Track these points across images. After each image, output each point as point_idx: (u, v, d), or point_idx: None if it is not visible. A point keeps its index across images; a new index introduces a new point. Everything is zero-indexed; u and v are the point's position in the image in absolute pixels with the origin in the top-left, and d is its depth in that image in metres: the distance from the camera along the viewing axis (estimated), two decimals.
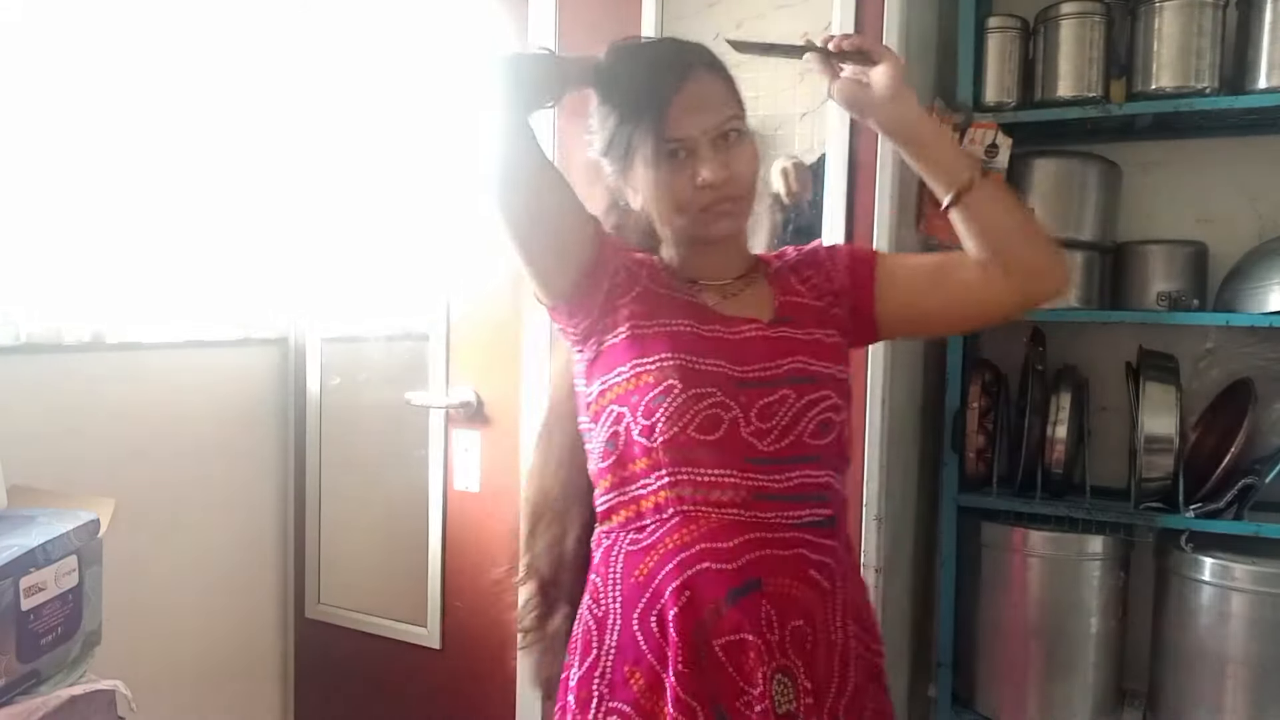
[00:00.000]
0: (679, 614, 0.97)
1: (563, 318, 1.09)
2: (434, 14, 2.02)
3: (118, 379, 1.84)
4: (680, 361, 1.01)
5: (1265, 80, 1.67)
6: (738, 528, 0.99)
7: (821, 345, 1.08)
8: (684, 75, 1.03)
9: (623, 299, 1.06)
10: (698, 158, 1.02)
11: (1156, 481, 1.75)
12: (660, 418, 0.99)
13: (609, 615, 1.04)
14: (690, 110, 1.01)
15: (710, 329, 1.05)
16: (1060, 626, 1.78)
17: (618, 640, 1.02)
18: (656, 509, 1.01)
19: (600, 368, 1.06)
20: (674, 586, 0.98)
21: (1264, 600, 1.63)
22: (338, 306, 2.23)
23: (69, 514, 1.34)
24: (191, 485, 2.02)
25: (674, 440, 0.99)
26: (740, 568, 0.98)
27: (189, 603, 2.02)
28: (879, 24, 1.56)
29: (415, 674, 2.11)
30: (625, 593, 1.02)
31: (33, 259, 1.72)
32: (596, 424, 1.07)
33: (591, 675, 1.04)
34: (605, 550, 1.07)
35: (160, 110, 1.94)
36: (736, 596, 0.97)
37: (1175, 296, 1.79)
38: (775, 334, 1.07)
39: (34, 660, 1.23)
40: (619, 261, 1.08)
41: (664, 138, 1.01)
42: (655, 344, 1.02)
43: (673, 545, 0.99)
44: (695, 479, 1.00)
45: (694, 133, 1.02)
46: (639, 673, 1.00)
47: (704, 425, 0.99)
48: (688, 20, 1.72)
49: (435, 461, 2.06)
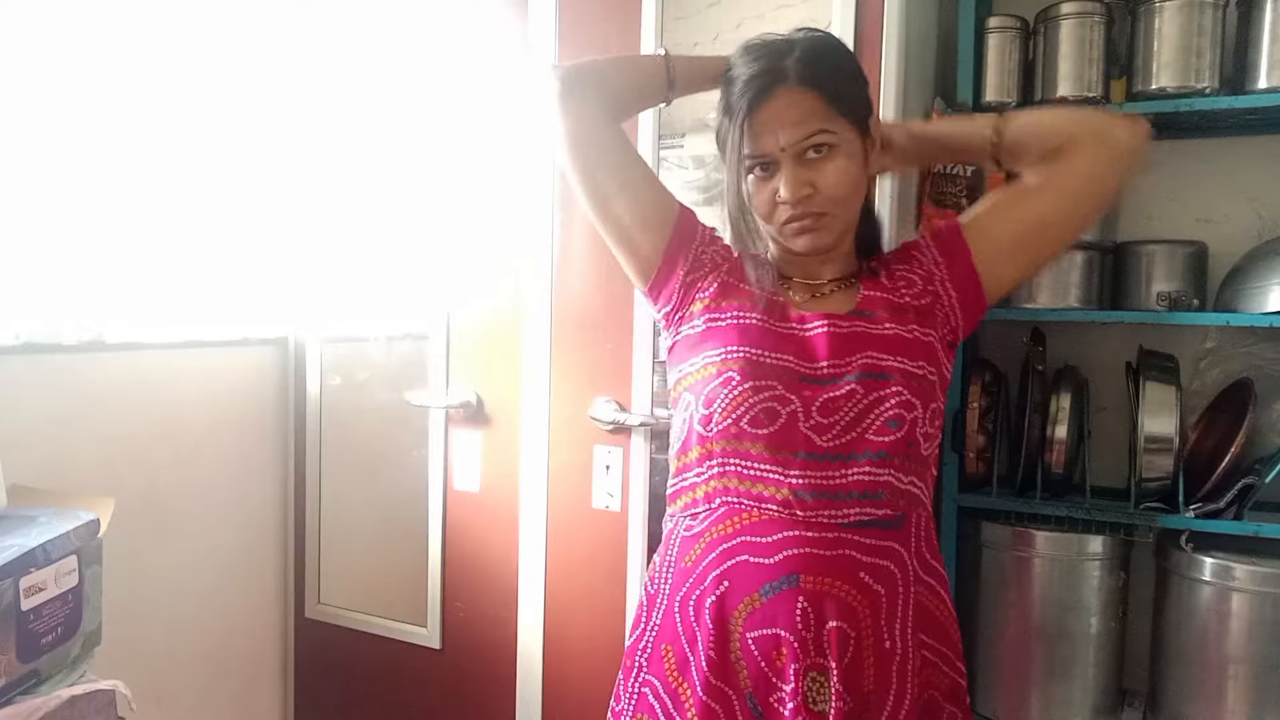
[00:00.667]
0: (715, 602, 1.01)
1: (652, 298, 1.15)
2: (434, 15, 2.02)
3: (118, 379, 1.84)
4: (745, 354, 1.04)
5: (1265, 80, 1.67)
6: (777, 524, 1.00)
7: (900, 340, 1.06)
8: (768, 91, 1.03)
9: (702, 289, 1.11)
10: (780, 173, 1.04)
11: (1156, 481, 1.75)
12: (717, 408, 1.03)
13: (659, 594, 1.09)
14: (770, 128, 1.03)
15: (783, 325, 1.07)
16: (1060, 626, 1.78)
17: (661, 619, 1.08)
18: (706, 498, 1.05)
19: (677, 356, 1.12)
20: (714, 575, 1.02)
21: (1264, 600, 1.63)
22: (338, 306, 2.23)
23: (69, 514, 1.34)
24: (191, 485, 2.02)
25: (727, 431, 1.03)
26: (777, 563, 0.99)
27: (189, 603, 2.02)
28: (879, 24, 1.56)
29: (415, 674, 2.11)
30: (675, 576, 1.07)
31: (33, 259, 1.71)
32: (674, 411, 1.13)
33: (636, 647, 1.11)
34: (668, 533, 1.12)
35: (161, 110, 1.94)
36: (771, 591, 0.98)
37: (1175, 296, 1.79)
38: (848, 329, 1.06)
39: (34, 660, 1.23)
40: (702, 247, 1.14)
41: (744, 154, 1.04)
42: (724, 335, 1.06)
43: (717, 535, 1.03)
44: (741, 472, 1.03)
45: (773, 149, 1.03)
46: (672, 652, 1.05)
47: (758, 419, 1.01)
48: (688, 20, 1.72)
49: (435, 461, 2.06)
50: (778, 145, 1.03)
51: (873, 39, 1.56)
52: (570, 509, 1.86)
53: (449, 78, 2.00)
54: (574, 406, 1.84)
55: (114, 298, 1.86)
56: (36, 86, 1.71)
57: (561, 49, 1.85)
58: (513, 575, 1.94)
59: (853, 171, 1.06)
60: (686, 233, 1.15)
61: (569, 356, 1.85)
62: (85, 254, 1.81)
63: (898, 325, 1.07)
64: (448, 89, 2.00)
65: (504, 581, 1.96)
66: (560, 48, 1.85)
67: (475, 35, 1.97)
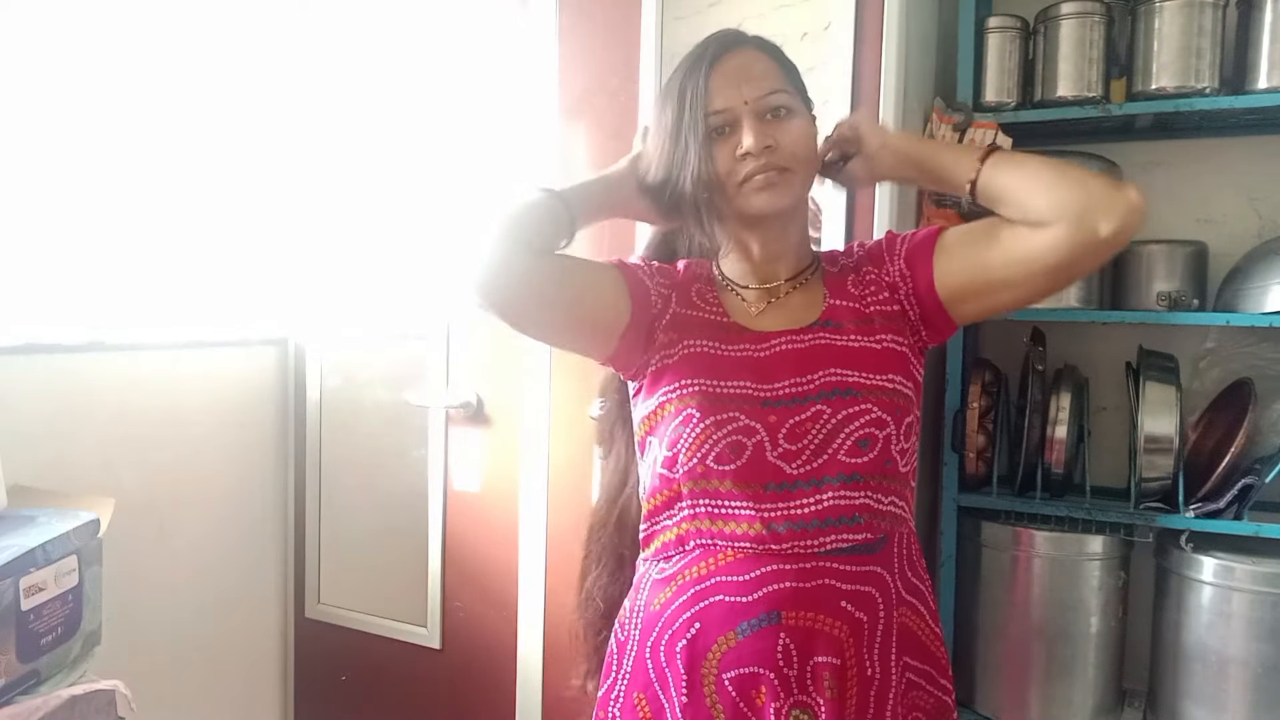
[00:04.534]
0: (685, 646, 0.97)
1: (619, 367, 1.10)
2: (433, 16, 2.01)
3: (118, 379, 1.84)
4: (700, 387, 1.00)
5: (1265, 80, 1.67)
6: (753, 561, 0.96)
7: (868, 354, 1.01)
8: (727, 48, 1.03)
9: (659, 327, 1.06)
10: (740, 129, 1.00)
11: (1156, 481, 1.75)
12: (681, 448, 0.99)
13: (629, 640, 1.05)
14: (732, 81, 1.01)
15: (736, 348, 1.03)
16: (1060, 626, 1.78)
17: (631, 666, 1.04)
18: (679, 540, 1.01)
19: (640, 400, 1.07)
20: (684, 618, 0.98)
21: (1264, 600, 1.63)
22: (338, 306, 2.23)
23: (69, 514, 1.34)
24: (191, 485, 2.02)
25: (693, 471, 0.99)
26: (756, 600, 0.95)
27: (189, 602, 2.02)
28: (879, 24, 1.56)
29: (415, 674, 2.11)
30: (644, 621, 1.03)
31: (34, 260, 1.72)
32: (641, 456, 1.08)
33: (609, 697, 1.07)
34: (639, 577, 1.08)
35: (162, 111, 1.94)
36: (750, 629, 0.95)
37: (1175, 296, 1.79)
38: (808, 344, 1.02)
39: (34, 660, 1.23)
40: (652, 291, 1.08)
41: (707, 110, 1.01)
42: (678, 370, 1.02)
43: (691, 577, 0.99)
44: (713, 511, 0.99)
45: (735, 103, 1.00)
46: (645, 701, 1.02)
47: (724, 454, 0.98)
48: (688, 20, 1.72)
49: (435, 461, 2.06)
50: (740, 99, 1.00)
51: (873, 39, 1.56)
52: (570, 509, 1.86)
53: (448, 78, 2.00)
54: (574, 406, 1.84)
55: (115, 298, 1.86)
56: (39, 87, 1.71)
57: (562, 48, 1.85)
58: (513, 575, 1.94)
59: (811, 136, 1.05)
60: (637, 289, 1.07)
61: (569, 356, 1.85)
62: (86, 255, 1.81)
63: (864, 337, 1.03)
64: (447, 89, 2.00)
65: (504, 581, 1.96)
66: (560, 47, 1.85)
67: (475, 36, 1.97)
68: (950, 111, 1.80)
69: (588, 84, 1.83)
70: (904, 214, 1.66)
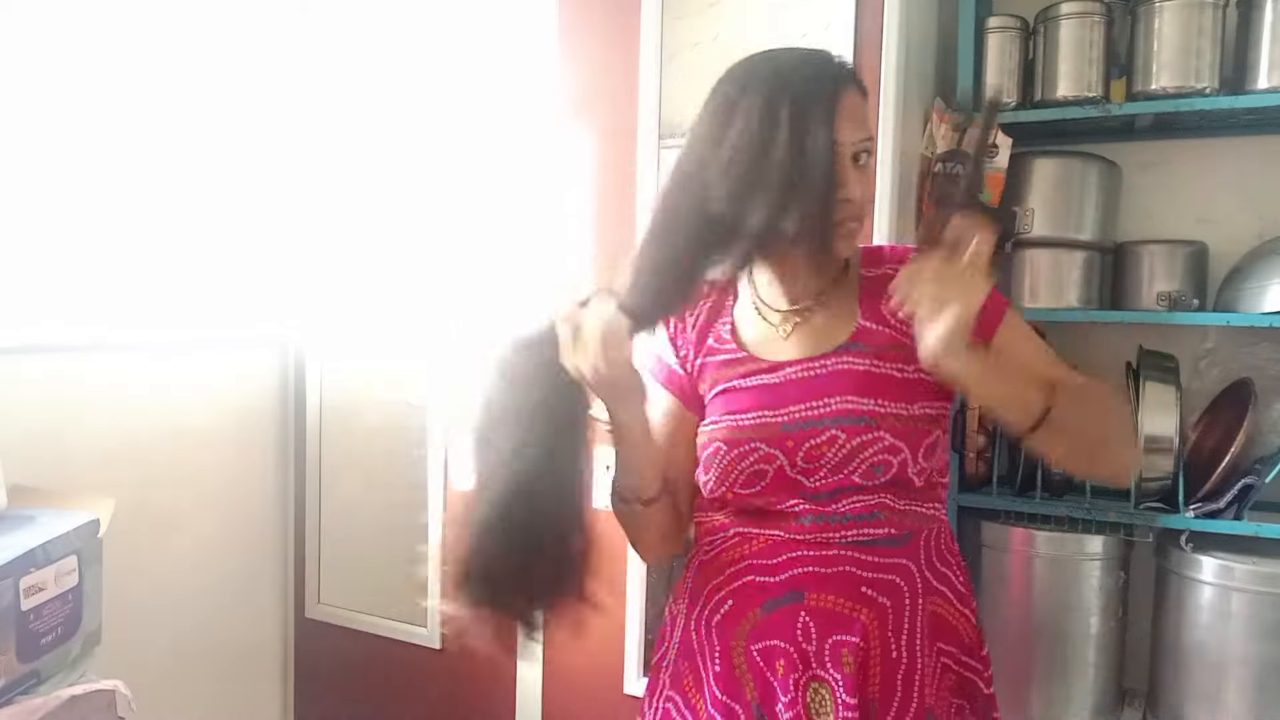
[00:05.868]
0: (720, 621, 1.06)
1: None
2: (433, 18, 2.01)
3: (118, 380, 1.84)
4: (724, 423, 1.07)
5: (1265, 80, 1.67)
6: (783, 546, 1.04)
7: (889, 381, 1.01)
8: (843, 84, 0.98)
9: (700, 385, 1.13)
10: (842, 169, 0.97)
11: (1156, 481, 1.75)
12: (712, 475, 1.07)
13: (679, 613, 1.14)
14: (847, 118, 0.97)
15: (753, 380, 1.07)
16: (1060, 626, 1.78)
17: (679, 637, 1.13)
18: (721, 527, 1.10)
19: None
20: (719, 596, 1.07)
21: (1264, 600, 1.63)
22: (338, 306, 2.23)
23: (69, 514, 1.34)
24: (191, 485, 2.02)
25: (723, 498, 1.08)
26: (782, 581, 1.03)
27: (189, 603, 2.02)
28: (879, 24, 1.56)
29: (415, 674, 2.11)
30: (690, 597, 1.13)
31: (34, 260, 1.72)
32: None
33: (660, 664, 1.16)
34: (692, 556, 1.16)
35: (162, 111, 1.94)
36: (773, 606, 1.03)
37: (1175, 296, 1.79)
38: (828, 370, 1.03)
39: (34, 660, 1.23)
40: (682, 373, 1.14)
41: (835, 140, 0.95)
42: (711, 408, 1.10)
43: (728, 560, 1.08)
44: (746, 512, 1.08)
45: (845, 140, 0.97)
46: (688, 669, 1.10)
47: (749, 480, 1.05)
48: (688, 20, 1.72)
49: (435, 461, 2.06)
50: (848, 138, 0.97)
51: (873, 39, 1.56)
52: None
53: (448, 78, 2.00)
54: None
55: (115, 298, 1.86)
56: (39, 87, 1.71)
57: (562, 48, 1.85)
58: None
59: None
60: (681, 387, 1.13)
61: None
62: (88, 255, 1.81)
63: (889, 364, 1.02)
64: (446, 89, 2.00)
65: None
66: (560, 47, 1.85)
67: (474, 36, 1.97)
68: (950, 112, 1.80)
69: (588, 84, 1.83)
70: (904, 214, 1.66)
